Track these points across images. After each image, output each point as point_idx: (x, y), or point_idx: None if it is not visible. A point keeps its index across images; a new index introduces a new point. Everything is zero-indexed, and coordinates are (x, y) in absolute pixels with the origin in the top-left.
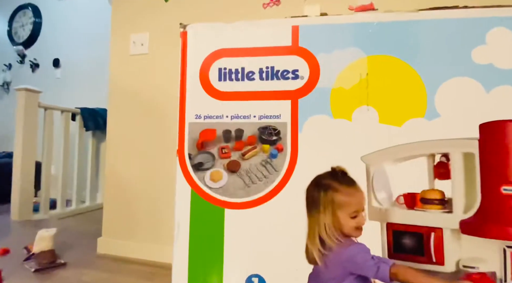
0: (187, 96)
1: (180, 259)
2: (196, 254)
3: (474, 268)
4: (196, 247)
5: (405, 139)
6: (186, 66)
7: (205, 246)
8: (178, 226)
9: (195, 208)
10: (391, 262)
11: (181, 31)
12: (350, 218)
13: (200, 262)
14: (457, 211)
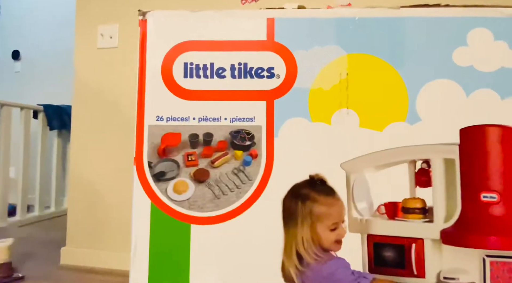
0: (147, 95)
1: (138, 277)
2: (156, 278)
3: (455, 279)
4: (157, 270)
5: (386, 145)
6: (145, 60)
7: (167, 268)
8: (135, 246)
9: (155, 224)
10: (371, 277)
11: (140, 19)
12: (330, 230)
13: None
14: (438, 220)
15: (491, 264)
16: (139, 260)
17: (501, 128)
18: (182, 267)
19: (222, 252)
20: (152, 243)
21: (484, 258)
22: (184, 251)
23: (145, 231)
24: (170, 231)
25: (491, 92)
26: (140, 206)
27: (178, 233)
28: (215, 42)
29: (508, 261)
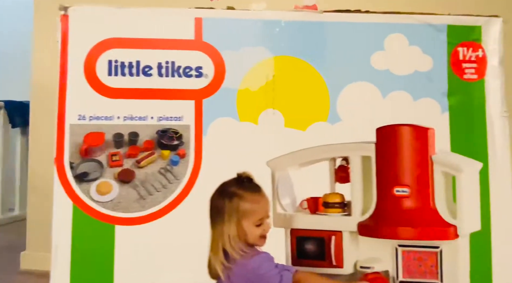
0: (68, 93)
1: (59, 281)
2: (79, 277)
3: (370, 268)
4: (79, 273)
5: (309, 143)
6: (67, 56)
7: (90, 270)
8: (56, 249)
9: (78, 226)
10: (294, 269)
11: (61, 14)
12: (255, 226)
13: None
14: (355, 214)
15: (403, 253)
16: (61, 263)
17: (412, 127)
18: (106, 269)
19: (148, 252)
20: (74, 245)
21: (397, 248)
22: (108, 252)
23: (67, 233)
24: (93, 232)
25: (405, 94)
26: (61, 208)
27: (101, 234)
28: (142, 39)
29: (418, 250)
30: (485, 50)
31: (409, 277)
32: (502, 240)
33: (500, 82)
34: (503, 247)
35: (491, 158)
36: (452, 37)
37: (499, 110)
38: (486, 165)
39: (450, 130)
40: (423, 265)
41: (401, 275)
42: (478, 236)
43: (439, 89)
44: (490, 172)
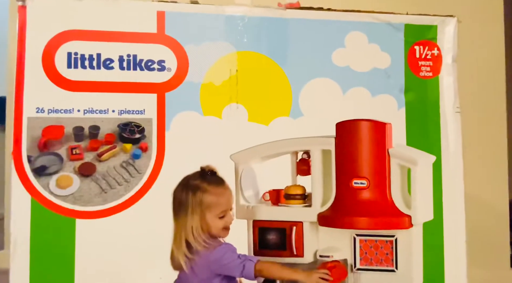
0: (26, 86)
1: (18, 277)
2: (38, 271)
3: (329, 257)
4: (39, 268)
5: (272, 137)
6: (24, 48)
7: (50, 265)
8: (14, 244)
9: (36, 220)
10: (256, 259)
11: (19, 5)
12: (218, 218)
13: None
14: (315, 205)
15: (360, 242)
16: (19, 257)
17: (371, 122)
18: (67, 263)
19: (109, 245)
20: (33, 239)
21: (355, 237)
22: (69, 246)
23: (25, 227)
24: (53, 226)
25: (364, 90)
26: (19, 201)
27: (62, 228)
28: (103, 32)
29: (375, 239)
30: (440, 48)
31: (366, 264)
32: (453, 228)
33: (453, 79)
34: (454, 234)
35: (444, 152)
36: (409, 35)
37: (452, 106)
38: (439, 158)
39: (406, 125)
40: (379, 253)
41: (359, 263)
42: (431, 224)
43: (396, 85)
44: (443, 165)
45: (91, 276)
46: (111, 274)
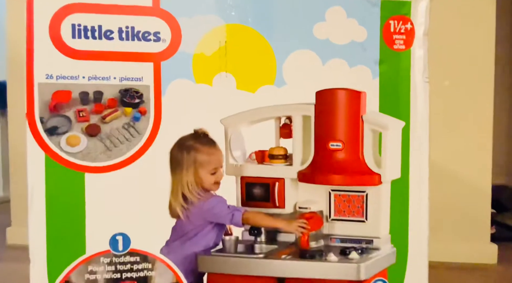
0: (36, 54)
1: (36, 225)
2: (54, 220)
3: (307, 208)
4: (54, 213)
5: (258, 104)
6: (33, 20)
7: (64, 210)
8: (31, 193)
9: (50, 174)
10: (243, 209)
11: None
12: (210, 174)
13: (60, 227)
14: (296, 164)
15: (335, 196)
16: (36, 210)
17: (347, 91)
18: (78, 209)
19: (115, 196)
20: (48, 193)
21: (330, 192)
22: (79, 195)
23: (41, 181)
24: (65, 180)
25: (342, 61)
26: (34, 158)
27: (73, 180)
28: (103, 5)
29: (347, 194)
30: (414, 23)
31: (339, 215)
32: (417, 186)
33: (424, 51)
34: (417, 191)
35: (413, 118)
36: (385, 11)
37: (421, 76)
38: (408, 123)
39: (380, 94)
40: (351, 206)
41: (333, 214)
42: (398, 182)
43: (372, 57)
44: (411, 130)
45: (101, 225)
46: (118, 220)
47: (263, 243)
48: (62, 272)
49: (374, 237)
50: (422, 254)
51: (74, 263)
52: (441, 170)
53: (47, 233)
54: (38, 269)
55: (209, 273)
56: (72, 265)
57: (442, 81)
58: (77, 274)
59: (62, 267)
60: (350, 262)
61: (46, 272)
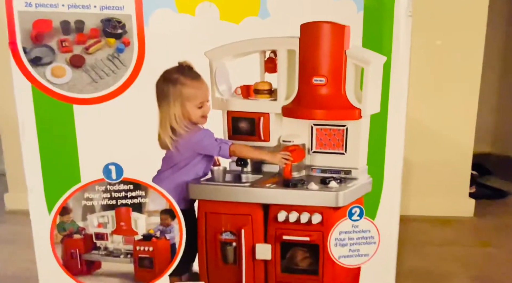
0: None
1: (30, 156)
2: (47, 152)
3: (290, 141)
4: (46, 144)
5: (242, 36)
6: None
7: (55, 141)
8: (22, 125)
9: (39, 105)
10: (230, 142)
11: None
12: (197, 108)
13: (53, 157)
14: (280, 99)
15: (317, 130)
16: (28, 142)
17: (331, 24)
18: (69, 140)
19: (105, 127)
20: (38, 121)
21: (312, 126)
22: (69, 127)
23: (30, 113)
24: (54, 111)
25: None
26: (21, 90)
27: (61, 112)
28: None
29: (329, 128)
30: None
31: (320, 148)
32: (395, 120)
33: None
34: (395, 125)
35: (394, 53)
36: None
37: (405, 10)
38: (389, 59)
39: (363, 28)
40: (332, 139)
41: (315, 147)
42: (377, 116)
43: None
44: (392, 65)
45: (93, 155)
46: (109, 150)
47: (249, 173)
48: (59, 199)
49: (352, 168)
50: (396, 183)
51: (70, 190)
52: (427, 128)
53: (41, 164)
54: (36, 197)
55: (199, 200)
56: (69, 193)
57: (434, 40)
58: (74, 200)
59: (59, 194)
60: (330, 190)
61: (44, 199)
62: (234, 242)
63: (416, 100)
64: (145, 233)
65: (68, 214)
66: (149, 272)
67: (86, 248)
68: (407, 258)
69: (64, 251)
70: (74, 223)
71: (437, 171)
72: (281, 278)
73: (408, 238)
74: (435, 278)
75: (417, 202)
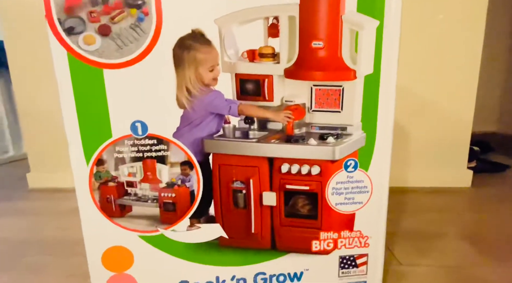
0: None
1: (69, 114)
2: (83, 110)
3: (292, 101)
4: (82, 104)
5: (248, 4)
6: None
7: (89, 101)
8: (61, 87)
9: (74, 69)
10: (238, 102)
11: None
12: (209, 71)
13: (88, 115)
14: (282, 62)
15: (316, 90)
16: (66, 96)
17: None
18: (101, 101)
19: (131, 89)
20: (74, 83)
21: (312, 87)
22: (101, 89)
23: (66, 75)
24: (87, 74)
25: None
26: (58, 56)
27: (93, 76)
28: None
29: (326, 88)
30: None
31: (319, 107)
32: (387, 80)
33: None
34: (387, 84)
35: (386, 17)
36: None
37: None
38: (382, 23)
39: None
40: (330, 99)
41: (314, 106)
42: (370, 77)
43: None
44: (384, 29)
45: (121, 113)
46: (135, 110)
47: (255, 130)
48: (95, 152)
49: (347, 124)
50: (387, 138)
51: (104, 144)
52: (428, 101)
53: (78, 121)
54: (75, 151)
55: (213, 153)
56: (102, 146)
57: (437, 14)
58: (107, 153)
59: (94, 148)
60: (327, 145)
61: (83, 152)
62: (243, 190)
63: (418, 72)
64: (168, 181)
65: (102, 165)
66: (173, 215)
67: (119, 194)
68: (403, 222)
69: (100, 196)
70: (108, 172)
71: (436, 143)
72: (285, 222)
73: (405, 206)
74: (428, 238)
75: (415, 174)
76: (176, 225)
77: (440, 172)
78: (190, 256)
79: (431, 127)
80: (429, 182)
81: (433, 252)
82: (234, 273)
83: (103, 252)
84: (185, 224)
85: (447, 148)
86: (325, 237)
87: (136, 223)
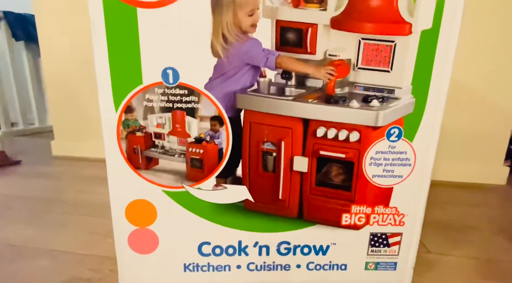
0: None
1: (100, 57)
2: (114, 52)
3: (336, 56)
4: (114, 44)
5: None
6: None
7: (121, 43)
8: (94, 28)
9: (108, 7)
10: (277, 53)
11: None
12: (248, 16)
13: (120, 60)
14: (330, 9)
15: (364, 45)
16: (98, 43)
17: None
18: (133, 42)
19: (164, 32)
20: (107, 26)
21: (360, 40)
22: (133, 29)
23: (100, 16)
24: (120, 13)
25: None
26: None
27: (126, 14)
28: None
29: (376, 43)
30: None
31: (366, 64)
32: (447, 38)
33: None
34: (446, 43)
35: None
36: None
37: None
38: None
39: None
40: (379, 55)
41: (360, 63)
42: (428, 33)
43: None
44: None
45: (153, 58)
46: (167, 55)
47: (292, 87)
48: (125, 97)
49: (396, 87)
50: (439, 107)
51: (134, 91)
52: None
53: (109, 64)
54: (105, 95)
55: (245, 110)
56: (132, 92)
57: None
58: (137, 100)
59: (124, 94)
60: (371, 109)
61: (112, 97)
62: (274, 152)
63: (462, 61)
64: (197, 136)
65: (131, 113)
66: (199, 172)
67: (146, 145)
68: (433, 214)
69: (128, 146)
70: (137, 121)
71: (473, 136)
72: (315, 191)
73: (435, 199)
74: (459, 230)
75: (448, 167)
76: (202, 183)
77: (475, 167)
78: (214, 217)
79: (470, 120)
80: (461, 177)
81: (464, 243)
82: (257, 239)
83: (127, 204)
84: (211, 183)
85: (484, 142)
86: (357, 210)
87: (161, 177)
